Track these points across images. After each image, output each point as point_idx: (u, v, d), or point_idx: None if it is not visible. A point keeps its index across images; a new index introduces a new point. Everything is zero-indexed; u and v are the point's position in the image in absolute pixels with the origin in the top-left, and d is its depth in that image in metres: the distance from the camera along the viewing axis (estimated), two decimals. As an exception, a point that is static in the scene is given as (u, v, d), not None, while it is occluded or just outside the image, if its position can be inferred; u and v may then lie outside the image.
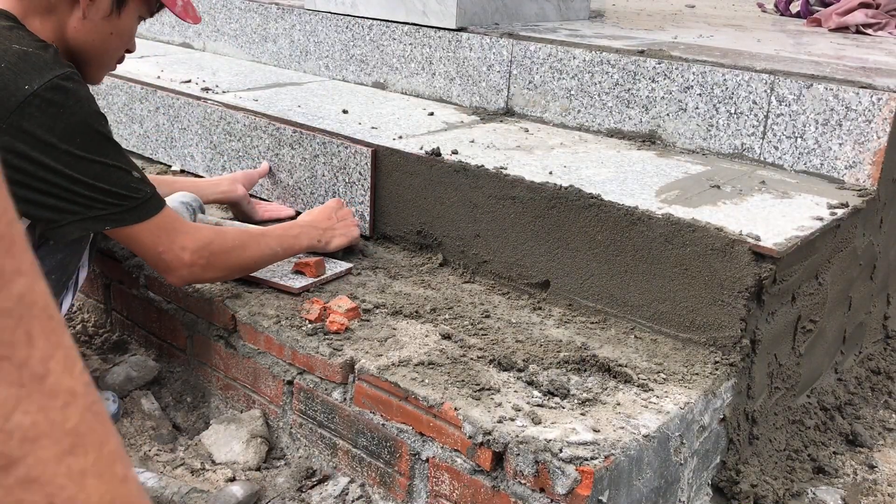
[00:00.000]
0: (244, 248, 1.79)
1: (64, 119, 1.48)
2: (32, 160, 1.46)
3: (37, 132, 1.45)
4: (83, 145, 1.50)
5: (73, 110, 1.49)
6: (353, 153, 2.18)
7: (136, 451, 1.75)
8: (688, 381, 1.59)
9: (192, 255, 1.67)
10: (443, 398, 1.49)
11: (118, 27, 1.68)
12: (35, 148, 1.45)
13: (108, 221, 1.56)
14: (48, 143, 1.46)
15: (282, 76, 3.03)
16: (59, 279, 1.66)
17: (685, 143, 2.27)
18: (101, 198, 1.53)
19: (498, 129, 2.41)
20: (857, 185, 2.01)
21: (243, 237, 1.81)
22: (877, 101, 1.97)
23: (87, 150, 1.50)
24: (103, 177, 1.53)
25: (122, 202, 1.56)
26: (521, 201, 1.91)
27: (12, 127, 1.44)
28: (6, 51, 1.48)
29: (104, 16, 1.66)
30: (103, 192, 1.53)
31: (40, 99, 1.45)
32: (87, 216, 1.53)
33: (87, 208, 1.52)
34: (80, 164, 1.50)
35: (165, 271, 1.69)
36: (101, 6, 1.64)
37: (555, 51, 2.44)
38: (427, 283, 1.98)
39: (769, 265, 1.61)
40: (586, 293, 1.85)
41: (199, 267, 1.70)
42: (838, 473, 1.86)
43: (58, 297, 1.69)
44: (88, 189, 1.51)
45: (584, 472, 1.32)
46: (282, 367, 1.76)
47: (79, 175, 1.50)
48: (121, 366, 1.97)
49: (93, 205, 1.53)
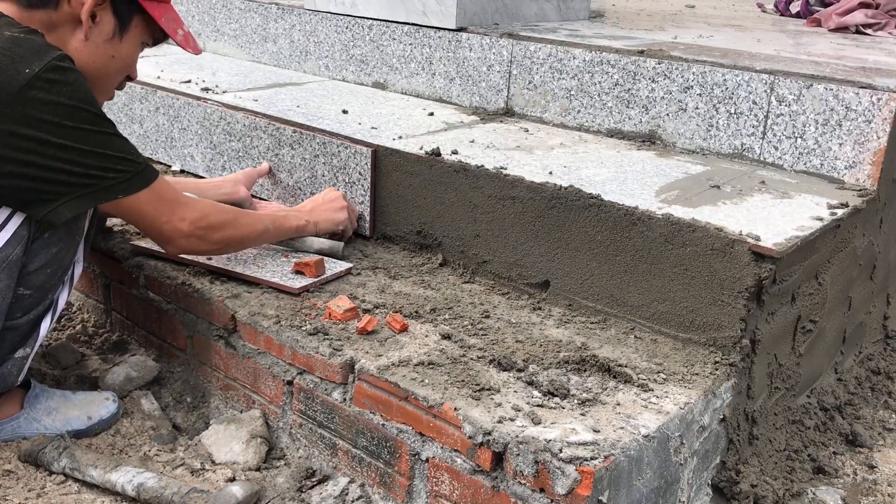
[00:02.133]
0: (238, 223, 1.86)
1: (66, 98, 1.50)
2: (40, 141, 1.48)
3: (42, 114, 1.47)
4: (88, 119, 1.53)
5: (73, 88, 1.51)
6: (353, 153, 2.18)
7: (136, 451, 1.75)
8: (688, 381, 1.59)
9: (190, 226, 1.74)
10: (443, 398, 1.49)
11: (120, 51, 1.70)
12: (41, 129, 1.48)
13: (117, 191, 1.60)
14: (54, 123, 1.49)
15: (282, 76, 3.03)
16: (55, 273, 1.66)
17: (685, 143, 2.27)
18: (111, 165, 1.57)
19: (498, 129, 2.41)
20: (857, 185, 2.02)
21: (237, 213, 1.88)
22: (877, 101, 1.97)
23: (91, 123, 1.54)
24: (109, 146, 1.57)
25: (129, 168, 1.60)
26: (521, 201, 1.91)
27: (16, 112, 1.46)
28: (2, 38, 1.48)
29: (106, 38, 1.67)
30: (113, 159, 1.57)
31: (42, 81, 1.47)
32: (99, 187, 1.57)
33: (100, 179, 1.56)
34: (87, 136, 1.53)
35: (166, 241, 1.76)
36: (104, 29, 1.66)
37: (555, 51, 2.44)
38: (427, 283, 1.98)
39: (769, 265, 1.61)
40: (586, 293, 1.85)
41: (196, 238, 1.77)
42: (838, 473, 1.87)
43: (53, 293, 1.69)
44: (98, 159, 1.55)
45: (583, 473, 1.32)
46: (282, 367, 1.76)
47: (89, 147, 1.53)
48: (121, 366, 1.96)
49: (104, 174, 1.57)
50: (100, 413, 1.79)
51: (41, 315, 1.68)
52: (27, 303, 1.63)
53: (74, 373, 2.01)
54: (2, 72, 1.45)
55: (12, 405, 1.75)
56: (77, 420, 1.77)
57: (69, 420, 1.77)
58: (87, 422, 1.78)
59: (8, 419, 1.73)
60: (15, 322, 1.63)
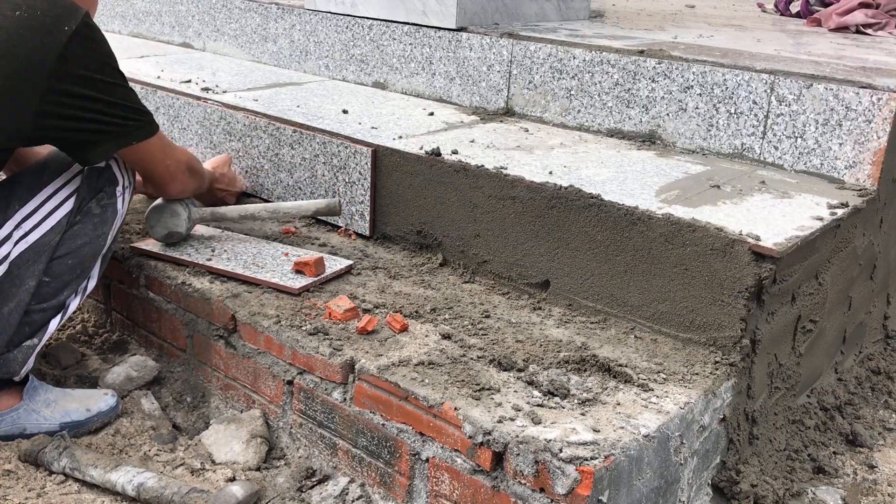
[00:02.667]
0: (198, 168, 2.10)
1: (97, 52, 1.66)
2: (78, 95, 1.62)
3: (79, 69, 1.61)
4: (112, 73, 1.69)
5: (101, 44, 1.68)
6: (353, 153, 2.18)
7: (136, 451, 1.75)
8: (688, 381, 1.59)
9: (185, 167, 1.98)
10: (443, 398, 1.49)
11: None
12: (79, 83, 1.62)
13: (134, 137, 1.75)
14: (88, 78, 1.63)
15: (282, 76, 3.03)
16: (74, 268, 1.76)
17: (685, 143, 2.27)
18: (129, 115, 1.73)
19: (498, 128, 2.41)
20: (857, 184, 2.02)
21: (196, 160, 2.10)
22: (877, 101, 1.97)
23: (114, 77, 1.70)
24: (128, 98, 1.73)
25: (142, 117, 1.77)
26: (521, 201, 1.91)
27: (60, 68, 1.58)
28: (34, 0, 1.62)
29: None
30: (130, 109, 1.73)
31: (79, 37, 1.61)
32: (120, 133, 1.73)
33: (122, 126, 1.72)
34: (113, 89, 1.69)
35: (170, 181, 1.95)
36: None
37: (555, 51, 2.44)
38: (427, 283, 1.98)
39: (769, 265, 1.61)
40: (586, 293, 1.85)
41: (186, 178, 1.99)
42: (838, 473, 1.87)
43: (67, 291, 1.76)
44: (122, 109, 1.71)
45: (584, 472, 1.32)
46: (282, 367, 1.76)
47: (114, 99, 1.69)
48: (121, 366, 1.97)
49: (125, 122, 1.73)
50: (99, 406, 1.80)
51: (53, 313, 1.76)
52: (45, 291, 1.73)
53: (74, 372, 2.01)
54: (47, 30, 1.58)
55: (12, 397, 1.77)
56: (76, 412, 1.78)
57: (68, 412, 1.78)
58: (87, 413, 1.79)
59: (7, 410, 1.76)
60: (31, 308, 1.72)
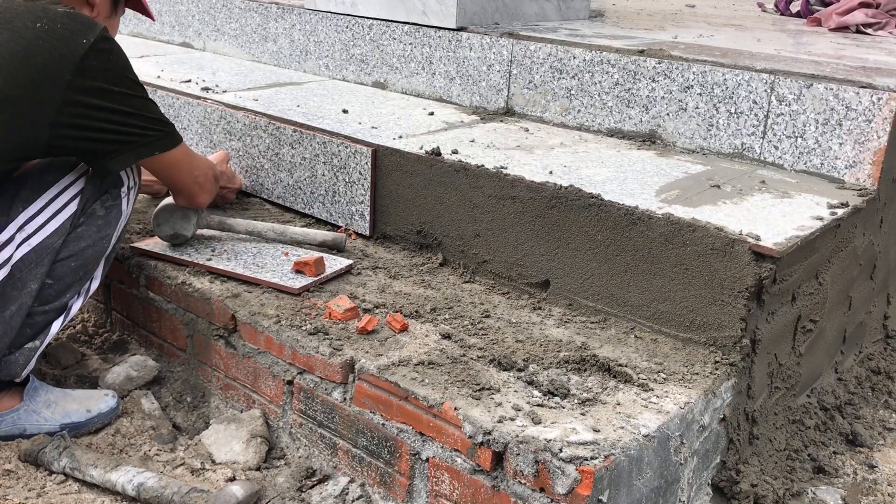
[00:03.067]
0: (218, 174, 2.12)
1: (113, 65, 1.68)
2: (94, 107, 1.64)
3: (96, 81, 1.64)
4: (129, 85, 1.71)
5: (118, 56, 1.70)
6: (353, 153, 2.18)
7: (136, 450, 1.75)
8: (688, 381, 1.59)
9: (212, 176, 2.00)
10: (443, 398, 1.49)
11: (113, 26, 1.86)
12: (95, 95, 1.64)
13: (155, 147, 1.77)
14: (104, 90, 1.65)
15: (282, 76, 3.03)
16: (77, 271, 1.75)
17: (685, 143, 2.27)
18: (149, 126, 1.75)
19: (498, 128, 2.41)
20: (858, 184, 2.02)
21: None
22: (877, 100, 1.97)
23: (132, 88, 1.72)
24: (147, 108, 1.75)
25: (163, 128, 1.79)
26: (521, 201, 1.91)
27: (76, 81, 1.61)
28: (55, 13, 1.64)
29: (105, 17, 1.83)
30: (149, 120, 1.75)
31: (96, 50, 1.63)
32: (140, 144, 1.74)
33: (141, 137, 1.74)
34: (130, 100, 1.71)
35: (200, 192, 1.97)
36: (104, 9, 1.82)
37: (555, 50, 2.44)
38: (427, 282, 1.98)
39: (769, 265, 1.61)
40: (586, 293, 1.85)
41: (212, 187, 2.02)
42: (838, 473, 1.87)
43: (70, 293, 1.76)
44: (141, 120, 1.73)
45: (584, 472, 1.32)
46: (282, 367, 1.76)
47: (132, 110, 1.71)
48: (121, 366, 1.97)
49: (144, 133, 1.74)
50: (99, 407, 1.80)
51: (55, 315, 1.76)
52: (47, 293, 1.72)
53: (74, 372, 2.01)
54: (65, 42, 1.61)
55: (12, 398, 1.77)
56: (76, 413, 1.78)
57: (68, 413, 1.78)
58: (87, 415, 1.78)
59: (8, 411, 1.76)
60: (33, 310, 1.71)
